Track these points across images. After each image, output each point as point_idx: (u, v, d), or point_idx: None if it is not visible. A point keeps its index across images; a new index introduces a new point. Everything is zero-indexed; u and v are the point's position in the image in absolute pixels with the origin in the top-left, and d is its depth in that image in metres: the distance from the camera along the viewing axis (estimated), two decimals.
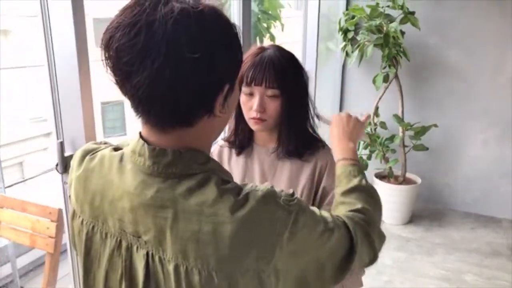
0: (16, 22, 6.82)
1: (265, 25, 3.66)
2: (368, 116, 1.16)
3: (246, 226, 0.61)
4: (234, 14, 2.21)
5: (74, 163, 0.74)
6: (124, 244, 0.66)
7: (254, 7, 3.48)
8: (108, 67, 0.61)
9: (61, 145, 1.26)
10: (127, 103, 0.64)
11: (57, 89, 1.23)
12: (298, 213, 0.65)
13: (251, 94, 1.12)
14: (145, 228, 0.63)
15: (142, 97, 0.60)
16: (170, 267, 0.62)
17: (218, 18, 0.62)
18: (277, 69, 1.10)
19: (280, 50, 1.16)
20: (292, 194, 0.67)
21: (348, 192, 0.91)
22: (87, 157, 0.72)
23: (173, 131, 0.64)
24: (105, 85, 0.74)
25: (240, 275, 0.61)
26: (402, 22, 3.20)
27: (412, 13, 3.20)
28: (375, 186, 3.72)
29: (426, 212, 3.81)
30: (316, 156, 1.20)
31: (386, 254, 3.14)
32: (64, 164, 1.26)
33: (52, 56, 1.20)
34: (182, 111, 0.62)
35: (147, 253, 0.64)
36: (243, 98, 1.14)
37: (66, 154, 1.27)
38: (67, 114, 1.25)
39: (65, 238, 1.42)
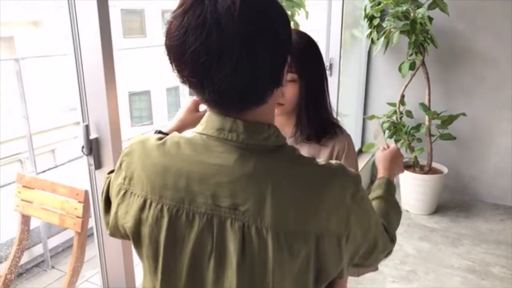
0: (47, 13, 7.02)
1: (289, 12, 3.63)
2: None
3: (334, 192, 0.68)
4: None
5: (131, 153, 0.74)
6: (216, 220, 0.67)
7: None
8: (183, 73, 0.64)
9: (87, 128, 1.31)
10: (154, 93, 0.66)
11: (83, 74, 1.28)
12: (362, 187, 0.74)
13: None
14: (244, 198, 0.66)
15: (223, 90, 0.63)
16: (269, 235, 0.65)
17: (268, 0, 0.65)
18: (295, 53, 1.10)
19: (299, 34, 1.16)
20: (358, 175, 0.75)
21: (373, 199, 0.99)
22: (155, 144, 0.72)
23: (249, 111, 0.68)
24: (131, 76, 0.75)
25: (327, 237, 0.67)
26: (430, 7, 3.12)
27: None
28: (400, 176, 3.61)
29: (453, 203, 3.74)
30: (334, 140, 1.20)
31: (409, 243, 3.11)
32: (89, 146, 1.31)
33: (78, 43, 1.25)
34: (260, 93, 0.66)
35: (243, 225, 0.66)
36: None
37: (91, 136, 1.32)
38: (92, 98, 1.29)
39: (91, 222, 1.47)
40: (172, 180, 0.68)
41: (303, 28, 3.85)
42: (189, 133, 0.73)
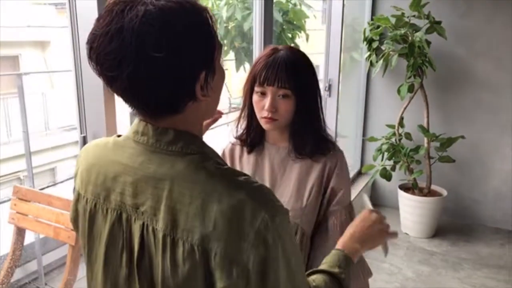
0: (54, 33, 7.14)
1: (289, 35, 3.71)
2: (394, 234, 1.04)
3: (231, 210, 0.63)
4: (256, 24, 2.26)
5: (82, 152, 0.81)
6: (124, 216, 0.71)
7: (279, 17, 3.53)
8: (95, 70, 0.67)
9: (84, 140, 1.32)
10: None
11: (82, 85, 1.30)
12: (283, 222, 0.66)
13: (263, 94, 1.14)
14: (143, 199, 0.68)
15: (127, 95, 0.67)
16: (160, 238, 0.66)
17: (181, 10, 0.64)
18: (289, 69, 1.12)
19: (292, 51, 1.17)
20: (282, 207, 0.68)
21: (324, 273, 0.87)
22: (95, 144, 0.80)
23: (164, 118, 0.69)
24: None
25: (215, 255, 0.63)
26: (428, 31, 3.18)
27: (439, 22, 3.17)
28: (399, 198, 3.62)
29: (453, 226, 3.70)
30: (326, 156, 1.20)
31: (408, 267, 3.07)
32: None
33: (78, 51, 1.28)
34: (166, 102, 0.67)
35: (143, 224, 0.68)
36: (255, 98, 1.16)
37: None
38: (91, 110, 1.31)
39: None
40: (94, 177, 0.74)
41: (303, 50, 3.91)
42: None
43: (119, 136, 0.78)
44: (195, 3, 0.67)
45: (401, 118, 3.46)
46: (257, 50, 2.29)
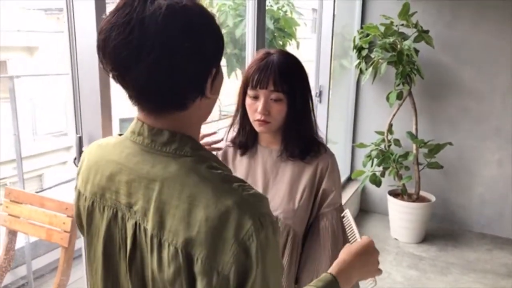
0: (43, 38, 7.09)
1: (280, 42, 3.75)
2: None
3: (217, 217, 0.63)
4: (249, 31, 2.29)
5: (86, 152, 0.83)
6: (119, 214, 0.72)
7: (270, 24, 3.58)
8: (106, 65, 0.67)
9: (80, 140, 1.32)
10: None
11: (78, 85, 1.31)
12: (268, 236, 0.64)
13: (256, 97, 1.16)
14: (136, 199, 0.69)
15: (142, 87, 0.66)
16: (148, 238, 0.67)
17: (201, 10, 0.68)
18: (281, 73, 1.14)
19: (285, 54, 1.20)
20: (274, 219, 0.68)
21: None
22: (99, 143, 0.81)
23: (168, 114, 0.70)
24: (123, 103, 0.80)
25: (198, 261, 0.63)
26: (416, 40, 3.25)
27: (426, 31, 3.24)
28: (389, 203, 3.66)
29: (441, 231, 3.75)
30: (318, 158, 1.22)
31: (397, 272, 3.10)
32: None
33: (76, 62, 1.29)
34: (178, 96, 0.68)
35: (135, 223, 0.69)
36: (248, 101, 1.17)
37: (84, 148, 1.33)
38: (86, 110, 1.32)
39: (80, 242, 1.46)
40: (93, 175, 0.76)
41: None
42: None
43: (120, 135, 0.79)
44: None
45: (390, 125, 3.52)
46: (250, 56, 2.31)
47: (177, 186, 0.66)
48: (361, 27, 3.65)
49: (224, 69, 0.80)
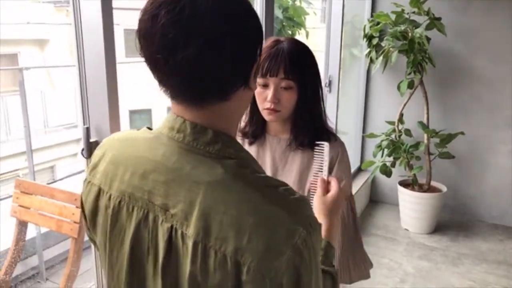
0: (53, 31, 7.13)
1: (289, 32, 3.71)
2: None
3: (267, 224, 0.61)
4: None
5: (105, 145, 0.77)
6: (151, 216, 0.67)
7: (279, 14, 3.53)
8: (150, 49, 0.62)
9: (87, 131, 1.32)
10: (154, 111, 0.66)
11: (85, 75, 1.30)
12: (317, 238, 0.65)
13: (265, 85, 1.14)
14: (175, 201, 0.65)
15: (187, 72, 0.61)
16: (190, 243, 0.62)
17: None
18: (291, 61, 1.12)
19: (295, 42, 1.18)
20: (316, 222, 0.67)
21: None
22: (126, 136, 0.76)
23: (210, 106, 0.66)
24: (132, 94, 0.75)
25: (248, 271, 0.60)
26: (428, 28, 3.18)
27: (438, 19, 3.17)
28: (399, 194, 3.63)
29: (452, 222, 3.71)
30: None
31: (408, 262, 3.08)
32: (89, 149, 1.32)
33: (82, 54, 1.28)
34: (223, 84, 0.64)
35: (171, 227, 0.64)
36: (258, 89, 1.16)
37: (92, 139, 1.33)
38: (94, 101, 1.31)
39: None
40: (121, 172, 0.70)
41: None
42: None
43: (149, 128, 0.74)
44: None
45: (401, 115, 3.47)
46: None
47: (223, 191, 0.62)
48: (372, 15, 3.59)
49: None
